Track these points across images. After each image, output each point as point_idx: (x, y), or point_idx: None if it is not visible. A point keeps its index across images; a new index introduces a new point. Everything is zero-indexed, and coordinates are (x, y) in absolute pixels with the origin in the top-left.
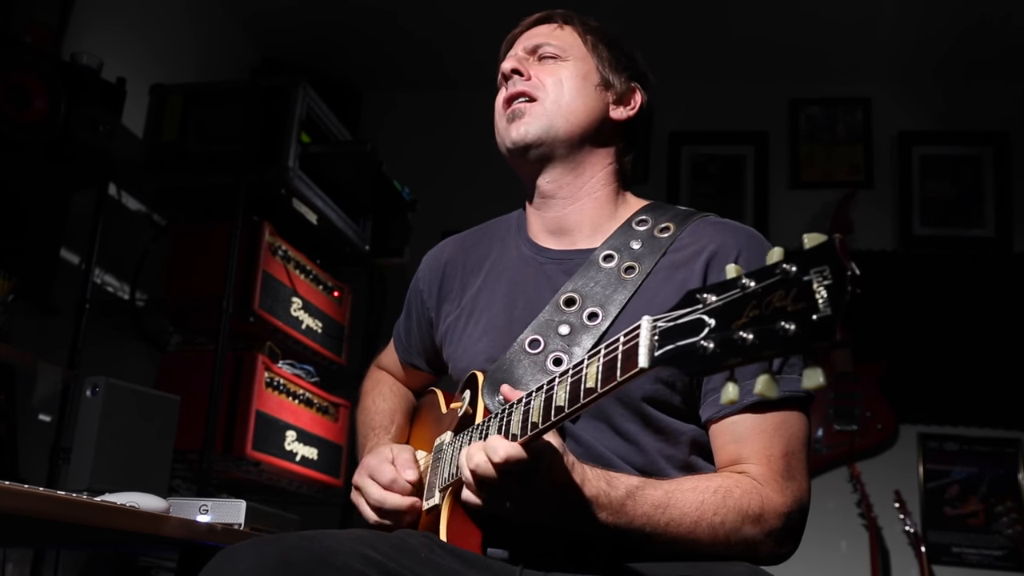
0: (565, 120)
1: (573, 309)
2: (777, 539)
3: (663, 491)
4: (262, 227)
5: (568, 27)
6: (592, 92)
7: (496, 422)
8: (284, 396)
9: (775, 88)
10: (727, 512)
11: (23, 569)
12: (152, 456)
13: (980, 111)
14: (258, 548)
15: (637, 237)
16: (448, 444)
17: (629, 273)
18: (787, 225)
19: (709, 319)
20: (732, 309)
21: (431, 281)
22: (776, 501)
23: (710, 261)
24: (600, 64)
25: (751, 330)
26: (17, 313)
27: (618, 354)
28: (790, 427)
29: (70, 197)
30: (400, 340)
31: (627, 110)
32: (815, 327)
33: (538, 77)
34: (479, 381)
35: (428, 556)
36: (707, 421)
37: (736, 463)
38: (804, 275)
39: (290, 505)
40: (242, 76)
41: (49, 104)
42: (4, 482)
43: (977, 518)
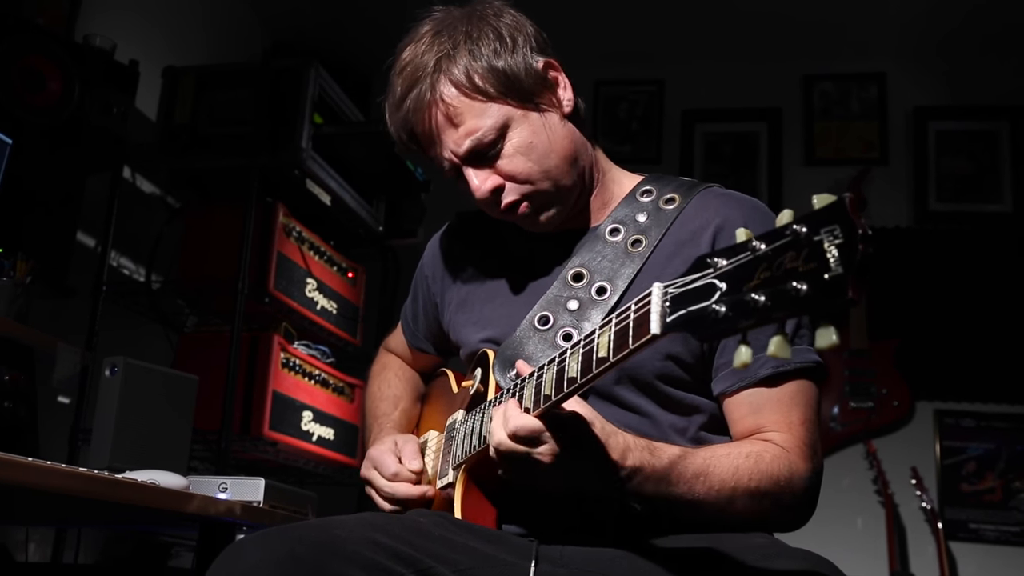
0: (561, 173)
1: (581, 284)
2: (800, 505)
3: (702, 458)
4: (276, 208)
5: (454, 101)
6: (543, 128)
7: (508, 397)
8: (300, 376)
9: (788, 65)
10: (761, 477)
11: (45, 548)
12: (171, 435)
13: (996, 85)
14: (266, 541)
15: (643, 209)
16: (460, 422)
17: (636, 246)
18: (801, 203)
19: (720, 283)
20: (743, 272)
21: (435, 266)
22: (802, 467)
23: (717, 235)
24: (515, 92)
25: (763, 292)
26: (35, 296)
27: (630, 322)
28: (805, 396)
29: (85, 180)
30: (407, 324)
31: (567, 95)
32: (827, 286)
33: (507, 177)
34: (490, 359)
35: (442, 534)
36: (721, 394)
37: (756, 433)
38: (814, 235)
39: (307, 485)
40: (253, 59)
41: (63, 87)
42: (27, 458)
43: (994, 494)
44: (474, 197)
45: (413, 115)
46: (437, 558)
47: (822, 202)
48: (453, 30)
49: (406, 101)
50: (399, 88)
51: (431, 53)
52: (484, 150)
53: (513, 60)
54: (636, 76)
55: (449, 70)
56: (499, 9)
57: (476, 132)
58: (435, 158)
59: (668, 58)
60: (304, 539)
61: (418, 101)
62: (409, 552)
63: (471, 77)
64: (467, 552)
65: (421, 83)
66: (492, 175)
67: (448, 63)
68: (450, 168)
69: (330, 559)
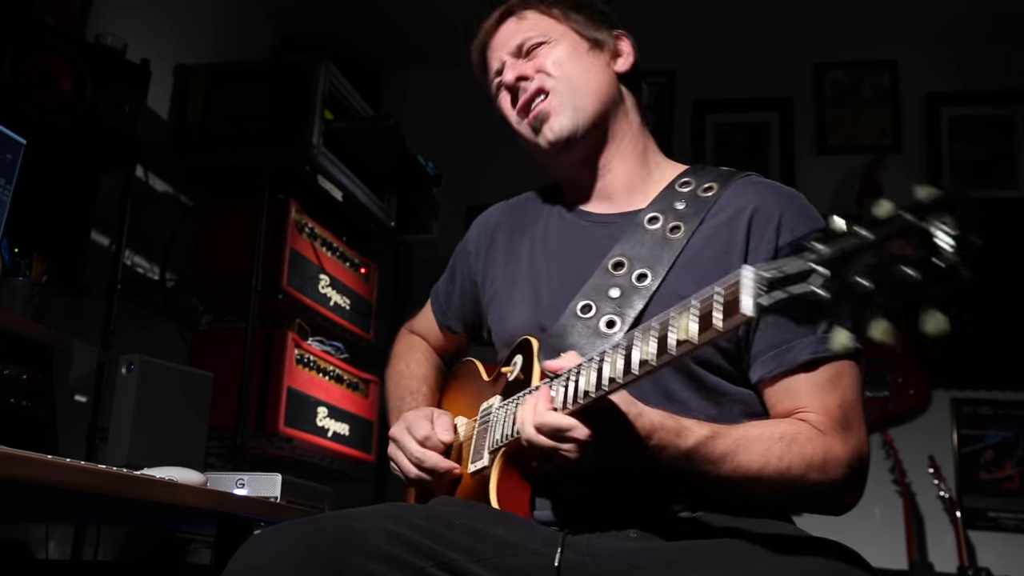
0: (583, 96)
1: (622, 272)
2: (840, 487)
3: (732, 439)
4: (288, 205)
5: (529, 12)
6: (590, 58)
7: (562, 383)
8: (314, 373)
9: (799, 53)
10: (792, 458)
11: (65, 546)
12: (188, 432)
13: (1009, 70)
14: (284, 534)
15: (681, 198)
16: (498, 407)
17: (675, 233)
18: (814, 191)
19: (820, 268)
20: (845, 258)
21: (480, 244)
22: (837, 449)
23: (752, 220)
24: (581, 29)
25: (869, 278)
26: (50, 295)
27: (717, 304)
28: (843, 379)
29: (98, 179)
30: (439, 302)
31: (625, 60)
32: (941, 273)
33: (538, 69)
34: (533, 347)
35: (464, 523)
36: (760, 381)
37: (793, 415)
38: (925, 224)
39: (322, 481)
40: (262, 56)
41: (75, 86)
42: (47, 456)
43: (1013, 482)
44: (504, 95)
45: (490, 29)
46: (458, 548)
47: (930, 194)
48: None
49: (489, 20)
50: (488, 16)
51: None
52: (528, 49)
53: (590, 17)
54: (647, 67)
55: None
56: None
57: (529, 32)
58: (491, 72)
59: (678, 49)
60: (322, 532)
61: (498, 16)
62: (428, 544)
63: (550, 7)
64: (490, 541)
65: (505, 8)
66: (524, 66)
67: None
68: (496, 74)
69: (348, 552)
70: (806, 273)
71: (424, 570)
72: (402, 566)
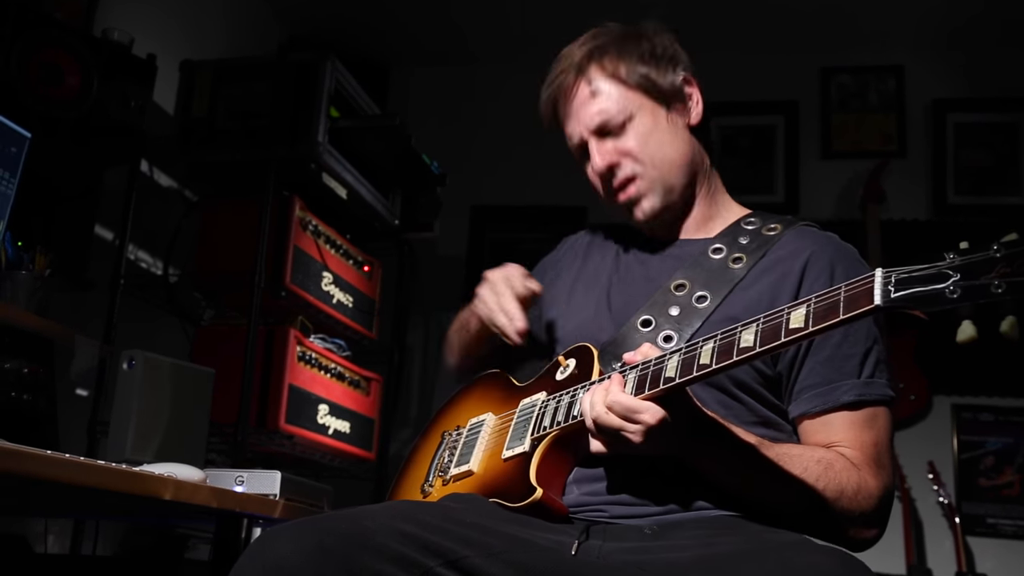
0: (671, 174)
1: (683, 293)
2: (866, 520)
3: (775, 452)
4: (292, 202)
5: (601, 81)
6: (668, 127)
7: (637, 372)
8: (316, 370)
9: (805, 57)
10: (828, 482)
11: (64, 540)
12: (189, 428)
13: (1015, 77)
14: (295, 533)
15: (746, 234)
16: (545, 400)
17: (736, 263)
18: (818, 196)
19: (953, 273)
20: (980, 267)
21: (558, 261)
22: (871, 483)
23: (808, 262)
24: (652, 91)
25: (1003, 282)
26: (53, 288)
27: (839, 298)
28: (879, 421)
29: (103, 174)
30: None
31: (696, 109)
32: None
33: (624, 154)
34: (594, 353)
35: (475, 521)
36: (801, 415)
37: (829, 447)
38: None
39: (323, 478)
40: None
41: (81, 81)
42: (46, 451)
43: (1012, 488)
44: (592, 172)
45: (560, 90)
46: (469, 544)
47: None
48: (610, 35)
49: (557, 79)
50: (555, 70)
51: (587, 46)
52: (611, 129)
53: (657, 66)
54: None
55: (599, 58)
56: (658, 29)
57: (609, 110)
58: (568, 133)
59: (684, 51)
60: (333, 531)
61: (567, 78)
62: (439, 542)
63: (617, 67)
64: (501, 536)
65: (573, 66)
66: (611, 152)
67: (600, 54)
68: (579, 144)
69: (359, 551)
70: (940, 276)
71: (432, 570)
72: (410, 565)
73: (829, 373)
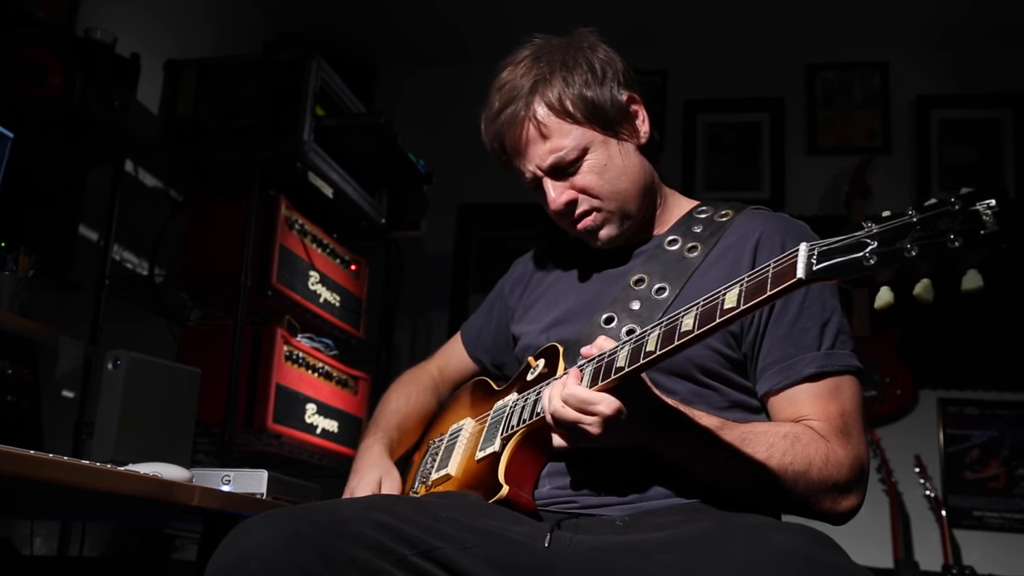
0: (628, 201)
1: (643, 287)
2: (840, 489)
3: (738, 432)
4: (278, 201)
5: (548, 118)
6: (621, 155)
7: (592, 364)
8: (303, 369)
9: (791, 54)
10: (795, 456)
11: (50, 542)
12: (175, 428)
13: (999, 73)
14: (271, 521)
15: (699, 223)
16: (514, 401)
17: (692, 252)
18: (804, 192)
19: (871, 241)
20: (895, 233)
21: (516, 282)
22: (840, 452)
23: (759, 242)
24: (601, 121)
25: (916, 246)
26: (38, 289)
27: (768, 275)
28: (844, 391)
29: (87, 174)
30: (470, 335)
31: (643, 127)
32: (982, 239)
33: (581, 191)
34: (560, 351)
35: (450, 515)
36: (766, 393)
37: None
38: (970, 206)
39: (311, 478)
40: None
41: (64, 80)
42: (29, 451)
43: (998, 481)
44: (549, 208)
45: (507, 128)
46: (443, 537)
47: (970, 189)
48: (551, 58)
49: (502, 115)
50: (496, 103)
51: (529, 76)
52: (564, 166)
53: (601, 91)
54: (639, 67)
55: (544, 92)
56: (594, 44)
57: (560, 150)
58: (519, 168)
59: (670, 48)
60: (309, 519)
61: (513, 116)
62: (414, 532)
63: (563, 101)
64: (474, 531)
65: (517, 101)
66: (567, 189)
67: (544, 86)
68: (531, 179)
69: (334, 539)
70: (858, 245)
71: (406, 558)
72: (385, 553)
73: (788, 348)
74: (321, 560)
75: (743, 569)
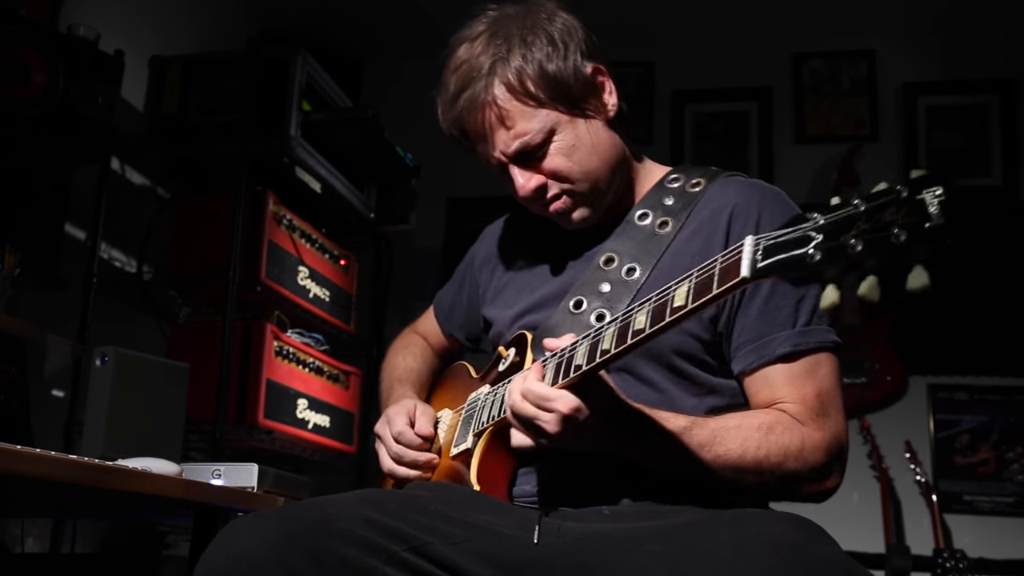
0: (599, 180)
1: (612, 267)
2: (819, 473)
3: (710, 430)
4: (266, 197)
5: (507, 98)
6: (589, 134)
7: (555, 360)
8: (294, 365)
9: (777, 43)
10: (770, 447)
11: (42, 542)
12: (164, 424)
13: (985, 59)
14: (259, 521)
15: (670, 194)
16: (486, 395)
17: (663, 228)
18: (793, 181)
19: (816, 234)
20: (841, 226)
21: (486, 255)
22: (816, 437)
23: (732, 216)
24: (566, 100)
25: (860, 240)
26: (25, 288)
27: (715, 271)
28: (821, 369)
29: (72, 171)
30: (443, 311)
31: (611, 99)
32: (927, 233)
33: (550, 175)
34: (528, 339)
35: (439, 509)
36: (741, 373)
37: (772, 405)
38: (917, 195)
39: (304, 473)
40: (239, 47)
41: (48, 78)
42: (16, 446)
43: (988, 466)
44: (517, 194)
45: (466, 114)
46: (433, 532)
47: (920, 173)
48: (508, 33)
49: (459, 100)
50: (453, 86)
51: (486, 55)
52: (531, 151)
53: (564, 65)
54: (626, 57)
55: (503, 74)
56: (552, 12)
57: (525, 135)
58: (483, 154)
59: (657, 38)
60: (297, 518)
61: (471, 101)
62: (403, 528)
63: (524, 82)
64: (464, 526)
65: (475, 84)
66: (535, 175)
67: (502, 67)
68: (497, 165)
69: (323, 537)
70: (803, 240)
71: (397, 554)
72: (375, 550)
73: (761, 327)
74: (311, 559)
75: (731, 559)
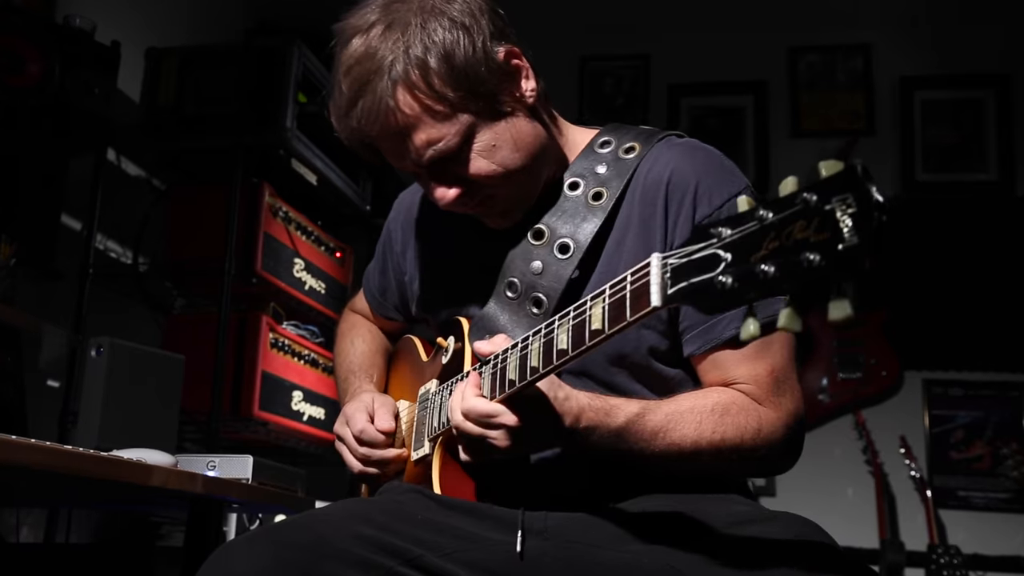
0: (524, 176)
1: (543, 242)
2: (777, 452)
3: (663, 414)
4: (262, 188)
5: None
6: (508, 129)
7: (490, 369)
8: (289, 357)
9: (773, 37)
10: (726, 429)
11: (37, 532)
12: (159, 415)
13: (981, 53)
14: (250, 547)
15: (602, 160)
16: (435, 393)
17: (597, 200)
18: (788, 174)
19: (725, 253)
20: (749, 242)
21: (404, 234)
22: (771, 416)
23: (668, 192)
24: (479, 96)
25: (771, 263)
26: (20, 279)
27: (626, 294)
28: (772, 347)
29: (68, 162)
30: (372, 296)
31: (528, 84)
32: (841, 257)
33: (470, 182)
34: (464, 329)
35: (425, 517)
36: (690, 356)
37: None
38: (825, 204)
39: (299, 465)
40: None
41: (43, 68)
42: (11, 436)
43: (982, 461)
44: (437, 203)
45: (366, 125)
46: (423, 544)
47: (830, 170)
48: (404, 24)
49: (356, 108)
50: (347, 91)
51: (384, 48)
52: (447, 157)
53: (473, 57)
54: (621, 51)
55: (405, 73)
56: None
57: (438, 142)
58: (394, 164)
59: (653, 32)
60: (290, 543)
61: (371, 110)
62: (394, 542)
63: (429, 81)
64: (451, 534)
65: (373, 88)
66: (455, 184)
67: (402, 64)
68: (412, 173)
69: (319, 560)
70: (712, 260)
71: (393, 569)
72: (370, 568)
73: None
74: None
75: (727, 559)
